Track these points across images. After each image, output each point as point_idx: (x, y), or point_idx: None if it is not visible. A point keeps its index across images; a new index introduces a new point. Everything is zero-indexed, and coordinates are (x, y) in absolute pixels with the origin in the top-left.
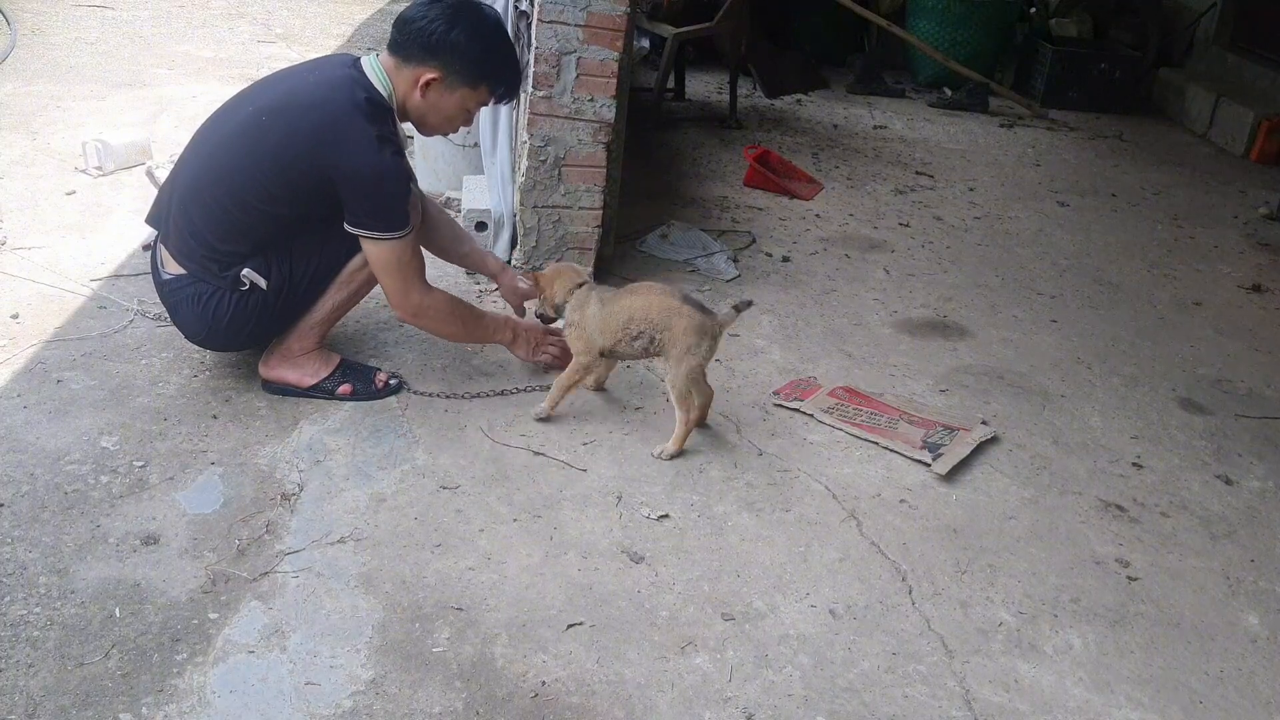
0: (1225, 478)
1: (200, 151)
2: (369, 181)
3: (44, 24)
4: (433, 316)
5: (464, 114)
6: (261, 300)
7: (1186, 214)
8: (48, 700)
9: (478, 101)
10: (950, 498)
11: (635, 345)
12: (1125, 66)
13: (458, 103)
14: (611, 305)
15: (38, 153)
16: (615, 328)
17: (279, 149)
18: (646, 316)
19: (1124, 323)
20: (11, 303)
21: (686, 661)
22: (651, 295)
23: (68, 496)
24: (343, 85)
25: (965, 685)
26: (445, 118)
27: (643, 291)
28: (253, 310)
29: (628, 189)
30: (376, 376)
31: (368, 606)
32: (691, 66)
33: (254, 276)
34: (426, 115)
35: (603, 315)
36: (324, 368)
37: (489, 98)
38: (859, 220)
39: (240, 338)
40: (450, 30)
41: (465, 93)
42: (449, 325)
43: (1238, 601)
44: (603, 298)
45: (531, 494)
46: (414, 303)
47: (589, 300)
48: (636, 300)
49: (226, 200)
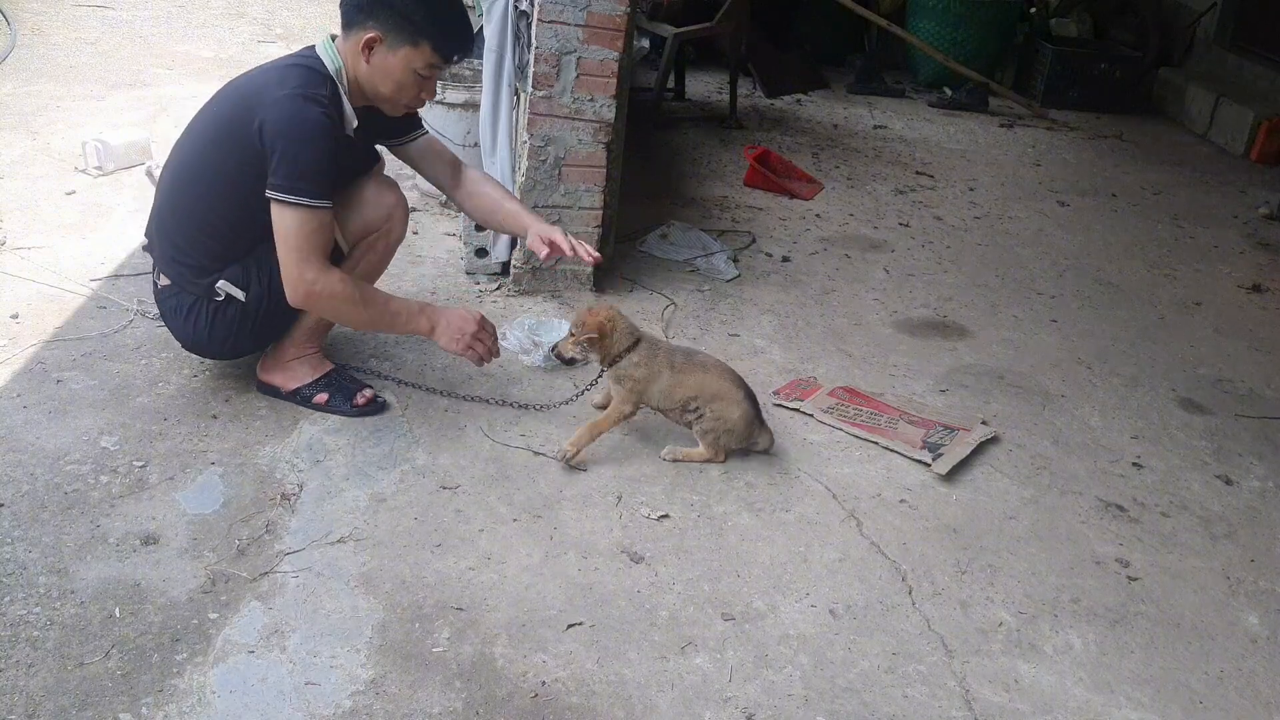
0: (1225, 478)
1: (171, 159)
2: (284, 131)
3: (44, 24)
4: (328, 299)
5: (414, 79)
6: (241, 311)
7: (1186, 214)
8: (48, 700)
9: (425, 62)
10: (950, 498)
11: (685, 417)
12: (1125, 66)
13: (402, 64)
14: (682, 377)
15: (38, 153)
16: (678, 400)
17: (220, 131)
18: (706, 395)
19: (1124, 323)
20: (11, 303)
21: (686, 661)
22: (723, 381)
23: (68, 496)
24: (281, 60)
25: (965, 685)
26: (396, 83)
27: (713, 371)
28: (233, 321)
29: (628, 189)
30: (359, 394)
31: (368, 606)
32: (691, 66)
33: (229, 288)
34: (377, 83)
35: (670, 384)
36: (309, 374)
37: (435, 58)
38: (859, 220)
39: (227, 347)
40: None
41: (408, 52)
42: (349, 310)
43: (1238, 601)
44: (674, 365)
45: (531, 494)
46: (307, 280)
47: (658, 364)
48: (708, 379)
49: (190, 202)
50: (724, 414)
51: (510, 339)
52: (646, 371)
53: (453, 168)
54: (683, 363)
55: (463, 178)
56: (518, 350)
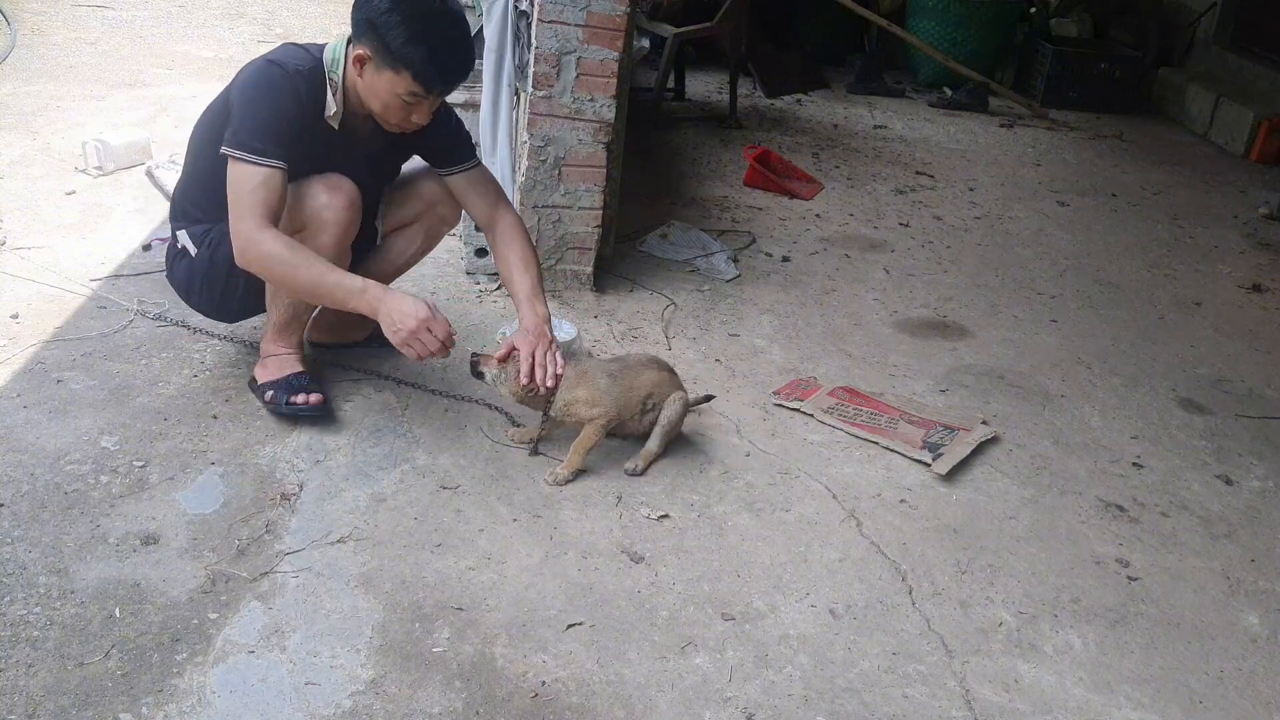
0: (1225, 478)
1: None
2: (241, 87)
3: (44, 24)
4: (258, 258)
5: (399, 102)
6: (189, 267)
7: (1186, 214)
8: (48, 700)
9: (407, 90)
10: (950, 498)
11: (645, 418)
12: (1125, 66)
13: (387, 86)
14: (627, 380)
15: (38, 153)
16: (636, 401)
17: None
18: (659, 392)
19: (1124, 323)
20: (11, 303)
21: (686, 661)
22: (661, 371)
23: (68, 496)
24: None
25: (965, 685)
26: (382, 103)
27: (650, 366)
28: (187, 274)
29: (628, 189)
30: (304, 396)
31: (368, 606)
32: (691, 66)
33: (186, 240)
34: (366, 98)
35: (620, 389)
36: (274, 373)
37: (417, 88)
38: (859, 220)
39: (191, 299)
40: (388, 4)
41: (390, 76)
42: (281, 271)
43: (1238, 601)
44: (610, 372)
45: (531, 494)
46: (241, 235)
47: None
48: (649, 374)
49: (191, 152)
50: (683, 403)
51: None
52: (588, 391)
53: (492, 209)
54: (618, 369)
55: (496, 227)
56: None
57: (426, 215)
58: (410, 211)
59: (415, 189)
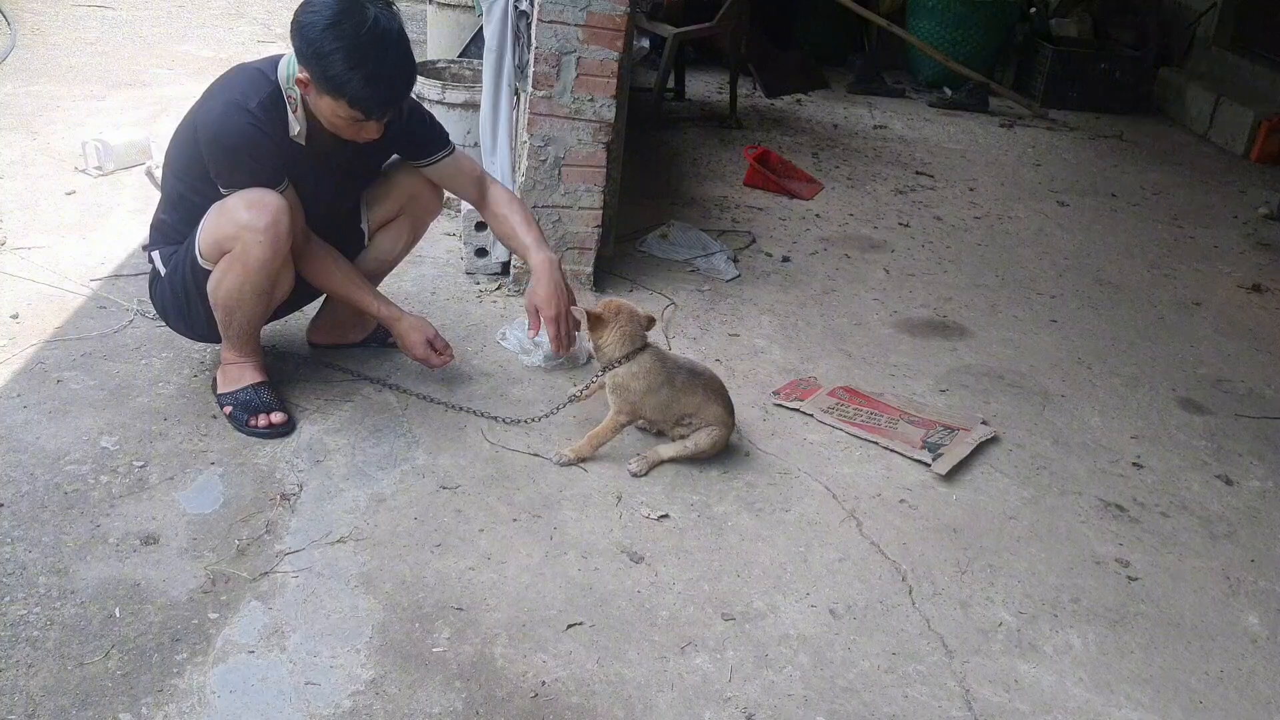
0: (1225, 478)
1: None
2: (209, 140)
3: (44, 24)
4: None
5: (346, 123)
6: (156, 285)
7: (1186, 214)
8: (48, 700)
9: (349, 115)
10: (950, 498)
11: (676, 430)
12: (1125, 66)
13: (330, 109)
14: (682, 396)
15: (38, 153)
16: (674, 414)
17: (185, 123)
18: (702, 418)
19: (1124, 323)
20: (11, 303)
21: (686, 661)
22: (719, 408)
23: (68, 496)
24: (250, 63)
25: (965, 685)
26: (329, 123)
27: (715, 399)
28: (161, 294)
29: (628, 189)
30: (265, 416)
31: (368, 606)
32: (691, 66)
33: (157, 261)
34: (318, 116)
35: (668, 399)
36: (233, 383)
37: (357, 113)
38: (859, 220)
39: (171, 321)
40: (322, 30)
41: (330, 102)
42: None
43: (1238, 601)
44: (675, 382)
45: (531, 494)
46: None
47: (657, 379)
48: (708, 406)
49: (169, 172)
50: (717, 439)
51: (510, 339)
52: (644, 384)
53: (478, 186)
54: (685, 381)
55: (488, 198)
56: (517, 350)
57: (409, 208)
58: (393, 207)
59: (394, 185)
